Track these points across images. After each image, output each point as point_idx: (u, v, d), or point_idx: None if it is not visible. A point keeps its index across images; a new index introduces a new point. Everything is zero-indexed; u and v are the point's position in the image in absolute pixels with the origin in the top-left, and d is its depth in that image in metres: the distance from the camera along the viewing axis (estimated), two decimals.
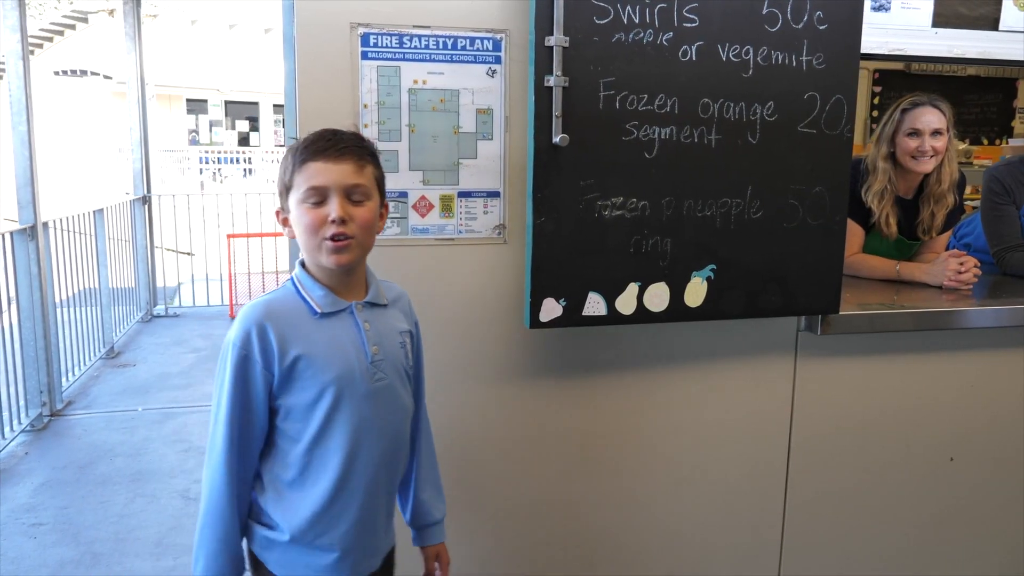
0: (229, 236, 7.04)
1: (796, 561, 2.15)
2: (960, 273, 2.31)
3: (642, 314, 1.80)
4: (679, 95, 1.74)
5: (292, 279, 1.35)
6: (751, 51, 1.78)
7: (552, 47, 1.64)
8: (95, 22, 15.72)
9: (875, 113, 7.55)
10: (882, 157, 2.45)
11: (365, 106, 1.69)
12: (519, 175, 1.78)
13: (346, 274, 1.32)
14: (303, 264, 1.35)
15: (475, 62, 1.74)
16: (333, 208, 1.25)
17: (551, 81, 1.65)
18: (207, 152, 18.04)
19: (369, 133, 1.69)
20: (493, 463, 1.91)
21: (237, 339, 1.26)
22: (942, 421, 2.19)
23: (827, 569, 2.18)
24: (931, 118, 2.40)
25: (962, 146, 5.28)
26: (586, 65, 1.68)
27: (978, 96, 7.39)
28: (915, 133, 2.41)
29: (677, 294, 1.82)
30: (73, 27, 15.84)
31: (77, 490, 3.33)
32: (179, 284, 7.50)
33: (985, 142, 7.09)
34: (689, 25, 1.73)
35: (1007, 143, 6.94)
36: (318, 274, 1.32)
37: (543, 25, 1.64)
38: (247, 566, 1.36)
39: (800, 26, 1.80)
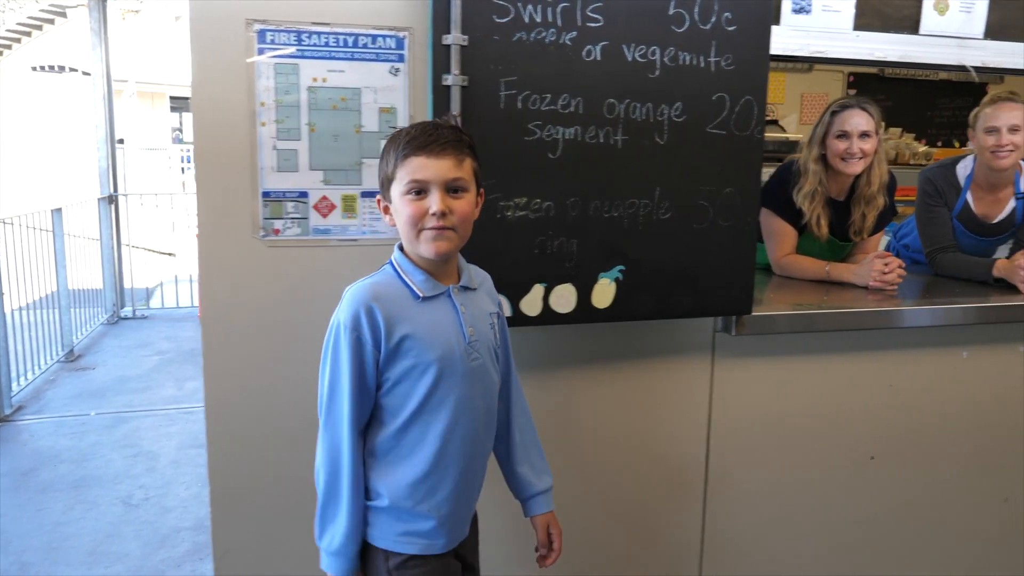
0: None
1: (717, 561, 2.15)
2: (885, 273, 2.31)
3: (548, 316, 1.79)
4: (583, 95, 1.73)
5: (391, 263, 1.41)
6: (657, 51, 1.77)
7: (450, 46, 1.63)
8: (74, 17, 15.61)
9: None
10: (813, 159, 2.45)
11: (263, 104, 1.68)
12: None
13: (444, 261, 1.39)
14: (401, 248, 1.41)
15: (377, 60, 1.73)
16: (434, 202, 1.32)
17: (449, 80, 1.63)
18: (190, 151, 17.95)
19: (267, 132, 1.68)
20: None
21: (348, 320, 1.33)
22: (863, 420, 2.18)
23: (748, 569, 2.18)
24: (859, 120, 2.40)
25: (921, 148, 5.29)
26: (486, 64, 1.66)
27: (949, 100, 7.42)
28: (844, 135, 2.41)
29: (585, 295, 1.81)
30: (52, 22, 15.71)
31: (15, 498, 3.28)
32: (160, 284, 7.43)
33: (957, 144, 7.12)
34: (593, 25, 1.72)
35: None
36: (417, 260, 1.39)
37: (441, 23, 1.63)
38: None
39: (708, 27, 1.79)
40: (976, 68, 2.27)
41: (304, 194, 1.73)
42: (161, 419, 4.25)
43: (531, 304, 1.77)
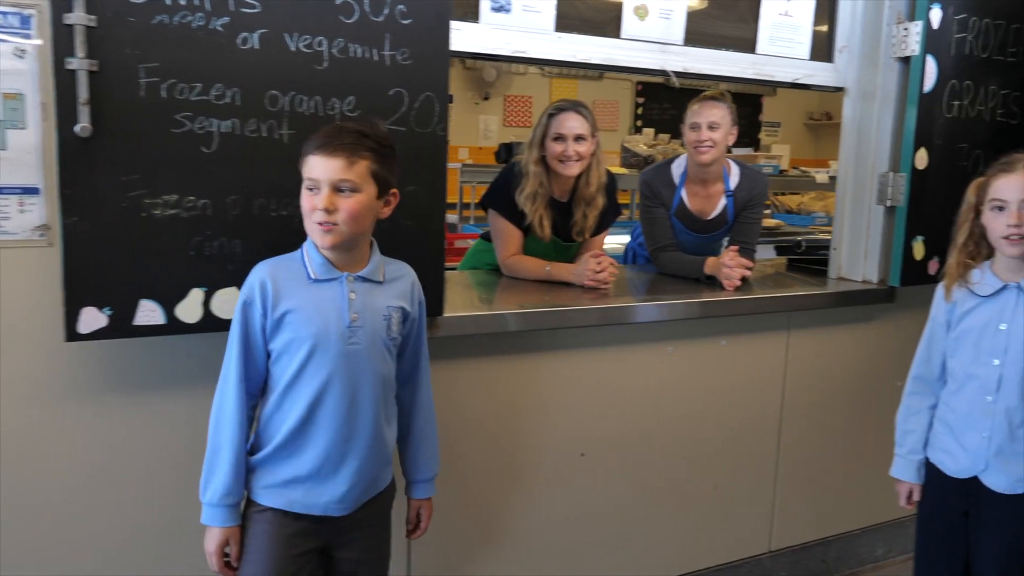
0: None
1: (424, 559, 2.10)
2: (597, 272, 2.36)
3: (211, 322, 1.66)
4: (241, 86, 1.62)
5: (302, 246, 1.55)
6: (325, 42, 1.69)
7: (73, 26, 1.47)
8: None
9: (639, 123, 7.94)
10: (533, 161, 2.47)
11: None
12: None
13: (344, 251, 1.52)
14: None
15: None
16: (320, 199, 1.45)
17: (74, 64, 1.47)
18: None
19: None
20: (56, 494, 1.71)
21: (245, 290, 1.52)
22: (572, 417, 2.21)
23: (455, 570, 2.14)
24: (573, 123, 2.44)
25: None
26: (121, 48, 1.52)
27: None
28: (560, 138, 2.44)
29: None
30: None
31: None
32: None
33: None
34: (248, 11, 1.61)
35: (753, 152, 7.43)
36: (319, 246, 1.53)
37: (62, 0, 1.47)
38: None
39: (380, 19, 1.73)
40: (677, 73, 2.36)
41: None
42: None
43: (189, 310, 1.64)
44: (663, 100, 7.87)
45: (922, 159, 2.52)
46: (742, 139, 8.34)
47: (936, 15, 2.43)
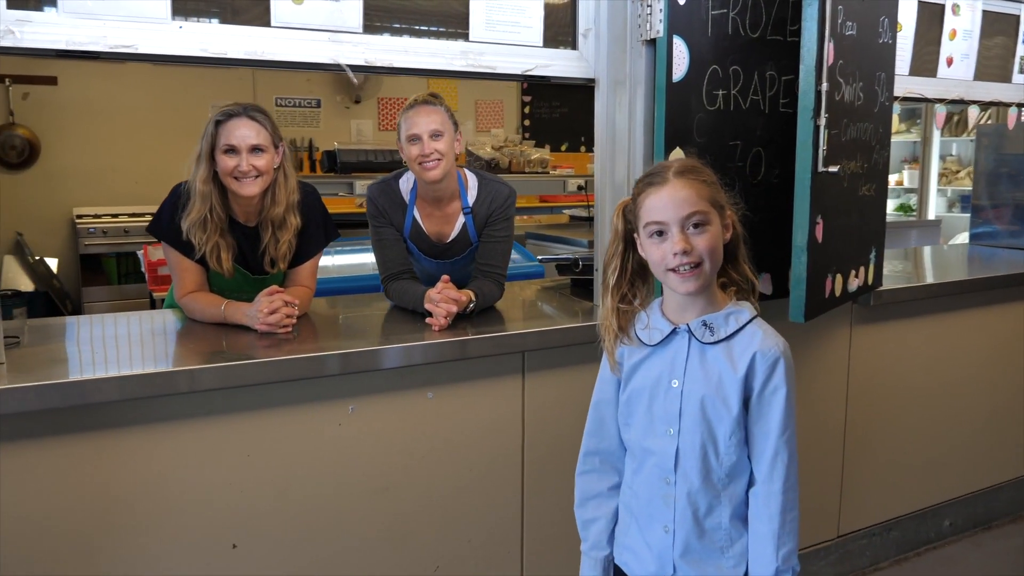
0: None
1: None
2: (268, 314, 1.92)
3: None
4: None
5: None
6: None
7: None
8: None
9: (527, 122, 7.51)
10: (201, 179, 2.01)
11: None
12: None
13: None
14: None
15: None
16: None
17: None
18: None
19: None
20: None
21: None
22: (219, 501, 1.76)
23: None
24: (245, 131, 1.99)
25: (536, 155, 5.16)
26: None
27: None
28: (232, 150, 1.99)
29: None
30: None
31: None
32: None
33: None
34: None
35: None
36: None
37: None
38: None
39: None
40: (353, 67, 1.92)
41: None
42: None
43: None
44: (552, 98, 7.44)
45: None
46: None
47: None
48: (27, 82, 5.19)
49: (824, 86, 1.99)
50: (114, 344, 1.95)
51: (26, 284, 5.11)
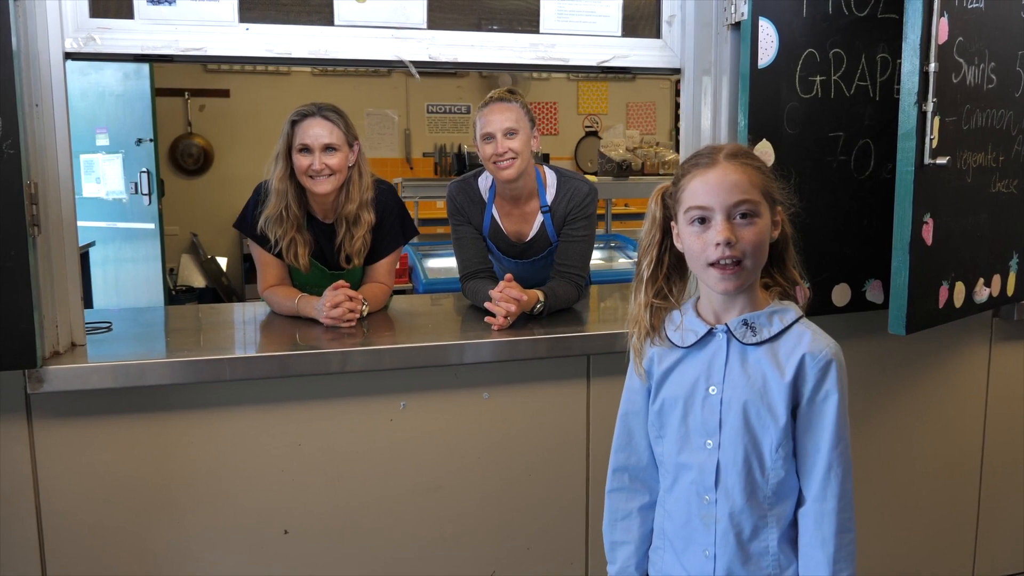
0: None
1: None
2: (332, 308, 1.96)
3: None
4: None
5: None
6: None
7: None
8: None
9: (679, 124, 7.26)
10: (278, 177, 2.09)
11: None
12: None
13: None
14: None
15: None
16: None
17: None
18: None
19: None
20: None
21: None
22: (272, 487, 1.81)
23: None
24: (319, 131, 2.05)
25: (671, 156, 4.93)
26: None
27: None
28: (305, 149, 2.06)
29: None
30: None
31: None
32: None
33: None
34: None
35: None
36: None
37: None
38: None
39: None
40: (417, 63, 1.92)
41: None
42: None
43: None
44: None
45: (766, 155, 1.93)
46: None
47: None
48: (203, 95, 5.69)
49: (932, 66, 1.75)
50: (198, 334, 2.07)
51: (199, 281, 5.61)
